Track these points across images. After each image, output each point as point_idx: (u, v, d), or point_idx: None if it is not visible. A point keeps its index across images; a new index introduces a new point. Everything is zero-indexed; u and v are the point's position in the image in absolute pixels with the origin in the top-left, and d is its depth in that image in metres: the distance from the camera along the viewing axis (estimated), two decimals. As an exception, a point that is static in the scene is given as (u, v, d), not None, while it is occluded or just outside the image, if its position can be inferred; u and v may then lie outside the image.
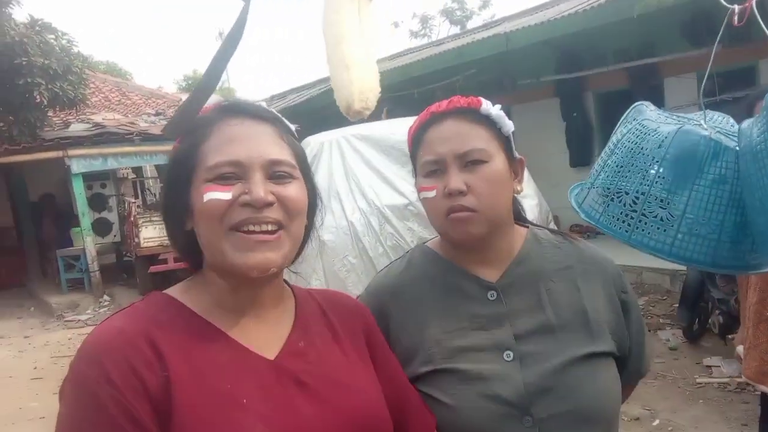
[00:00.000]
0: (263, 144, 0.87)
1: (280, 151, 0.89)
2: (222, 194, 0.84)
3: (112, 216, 10.99)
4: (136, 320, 0.84)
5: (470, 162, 1.11)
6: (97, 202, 10.80)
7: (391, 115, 9.27)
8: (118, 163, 10.17)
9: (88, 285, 9.70)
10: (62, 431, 0.79)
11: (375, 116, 8.60)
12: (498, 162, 1.12)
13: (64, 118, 10.78)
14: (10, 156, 9.21)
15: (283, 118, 0.96)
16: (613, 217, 0.82)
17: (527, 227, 1.24)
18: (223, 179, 0.85)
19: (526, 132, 8.00)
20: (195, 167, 0.87)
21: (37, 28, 9.34)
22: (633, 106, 0.89)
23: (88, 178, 10.25)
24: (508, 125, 1.16)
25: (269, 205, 0.85)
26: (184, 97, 16.48)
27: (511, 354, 1.09)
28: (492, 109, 1.15)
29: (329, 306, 1.04)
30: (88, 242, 9.64)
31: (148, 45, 66.95)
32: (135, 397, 0.76)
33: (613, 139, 0.89)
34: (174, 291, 0.92)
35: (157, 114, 11.86)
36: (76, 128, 10.20)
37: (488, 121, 1.14)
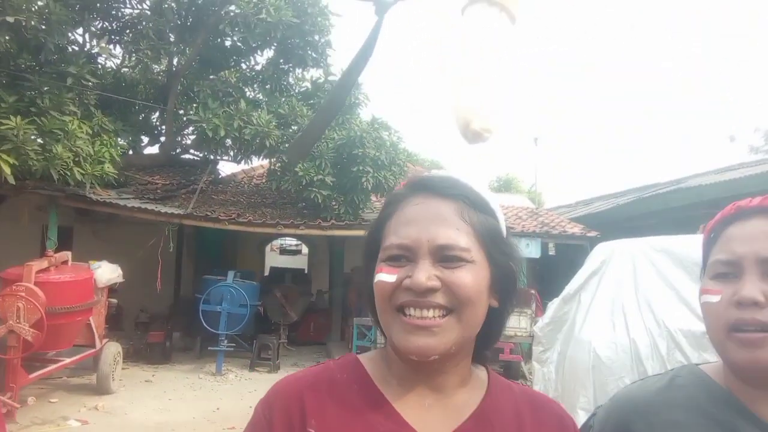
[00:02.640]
0: (436, 226, 0.84)
1: (452, 234, 0.84)
2: (388, 276, 0.84)
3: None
4: (316, 376, 0.90)
5: None
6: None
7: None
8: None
9: (374, 355, 10.46)
10: None
11: (691, 231, 7.77)
12: None
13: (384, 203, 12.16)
14: (335, 230, 10.67)
15: (479, 192, 0.90)
16: None
17: None
18: (394, 260, 0.85)
19: None
20: (379, 245, 0.89)
21: (376, 125, 10.91)
22: None
23: (392, 258, 11.24)
24: None
25: (432, 290, 0.82)
26: (496, 197, 17.50)
27: None
28: None
29: (528, 408, 0.93)
30: (381, 316, 10.47)
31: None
32: None
33: None
34: (365, 356, 0.95)
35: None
36: (390, 213, 11.39)
37: None
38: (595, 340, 4.02)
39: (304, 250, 18.22)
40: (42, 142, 8.36)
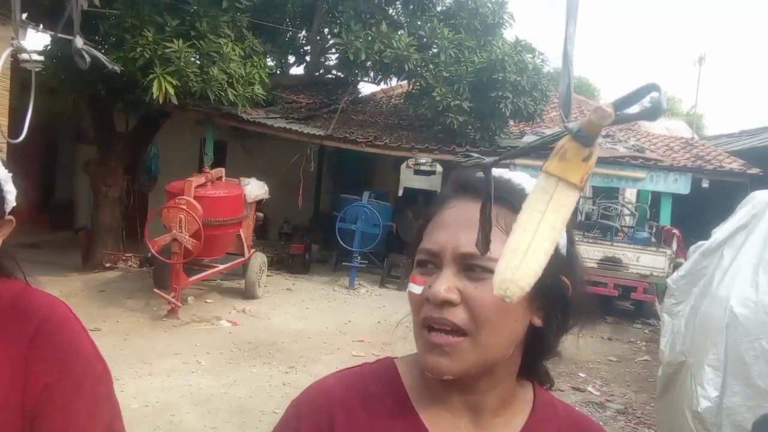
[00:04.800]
0: (465, 231, 0.75)
1: None
2: (416, 287, 0.79)
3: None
4: (349, 386, 0.85)
5: None
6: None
7: None
8: (554, 177, 10.66)
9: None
10: None
11: None
12: None
13: (521, 128, 11.82)
14: (469, 156, 10.60)
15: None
16: None
17: None
18: (423, 266, 0.79)
19: None
20: (417, 247, 0.84)
21: (519, 48, 10.44)
22: None
23: (527, 186, 11.01)
24: None
25: (450, 304, 0.74)
26: (644, 121, 15.86)
27: None
28: None
29: (570, 429, 0.87)
30: (511, 244, 10.47)
31: (618, 61, 67.06)
32: None
33: None
34: (403, 362, 0.88)
35: (606, 136, 11.88)
36: (528, 139, 11.05)
37: None
38: (733, 297, 3.77)
39: (439, 169, 18.32)
40: (200, 64, 9.00)
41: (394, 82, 13.14)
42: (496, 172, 0.77)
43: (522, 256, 0.55)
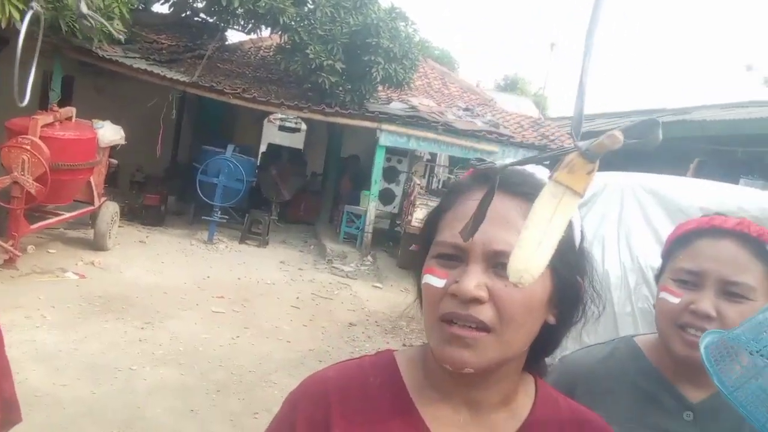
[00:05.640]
0: (496, 228, 0.75)
1: (512, 240, 0.72)
2: (436, 280, 0.77)
3: (398, 189, 12.03)
4: (348, 378, 0.85)
5: (731, 294, 1.06)
6: (389, 174, 11.91)
7: (700, 168, 8.41)
8: (418, 145, 11.08)
9: (360, 242, 10.86)
10: None
11: (681, 167, 7.90)
12: (760, 304, 1.04)
13: (389, 95, 12.07)
14: (338, 117, 10.67)
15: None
16: (728, 369, 0.72)
17: None
18: (445, 259, 0.78)
19: None
20: (433, 237, 0.82)
21: (394, 15, 10.57)
22: None
23: (390, 151, 11.34)
24: None
25: (478, 301, 0.74)
26: (497, 97, 16.64)
27: None
28: None
29: (572, 424, 0.87)
30: (371, 206, 10.77)
31: (478, 39, 70.28)
32: None
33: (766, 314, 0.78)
34: (403, 356, 0.88)
35: (466, 109, 12.51)
36: (395, 106, 11.34)
37: None
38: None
39: (303, 127, 18.18)
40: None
41: (266, 33, 12.75)
42: (533, 169, 0.80)
43: (534, 250, 0.63)
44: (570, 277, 0.80)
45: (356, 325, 6.80)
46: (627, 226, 4.39)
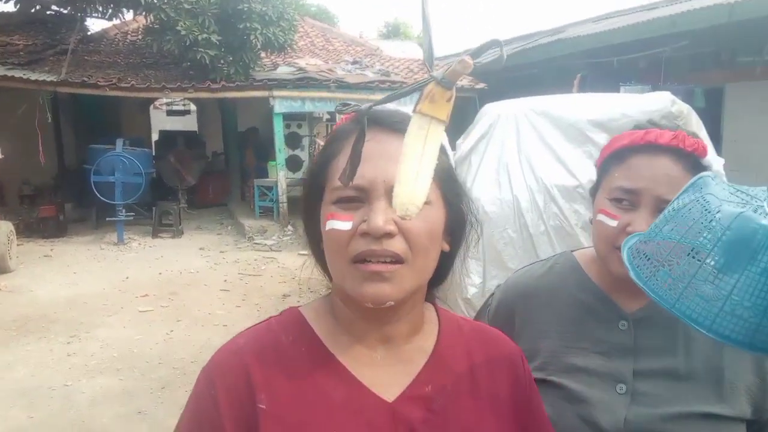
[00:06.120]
0: (393, 164, 0.72)
1: None
2: (342, 224, 0.78)
3: (304, 154, 11.94)
4: (260, 341, 0.85)
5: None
6: (292, 141, 11.76)
7: (583, 83, 8.89)
8: (315, 106, 10.97)
9: (277, 214, 10.76)
10: (179, 423, 0.84)
11: (566, 85, 8.31)
12: None
13: (274, 60, 11.80)
14: (226, 92, 10.36)
15: None
16: (662, 282, 0.81)
17: None
18: (346, 202, 0.78)
19: (744, 115, 7.20)
20: (324, 185, 0.82)
21: (259, -25, 10.25)
22: (699, 176, 0.86)
23: (287, 117, 11.17)
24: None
25: (389, 236, 0.75)
26: (382, 45, 16.59)
27: (624, 388, 1.08)
28: (713, 162, 1.08)
29: (478, 346, 0.92)
30: (280, 176, 10.63)
31: (356, -9, 69.34)
32: (234, 424, 0.78)
33: (674, 205, 0.87)
34: (309, 309, 0.89)
35: (354, 62, 12.47)
36: (283, 71, 11.12)
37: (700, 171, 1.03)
38: (483, 197, 4.44)
39: (193, 108, 17.51)
40: None
41: (128, 16, 12.05)
42: (406, 110, 0.80)
43: (413, 182, 0.67)
44: (457, 203, 0.85)
45: (290, 295, 6.82)
46: (526, 150, 4.62)
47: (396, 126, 0.79)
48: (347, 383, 0.81)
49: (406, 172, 0.68)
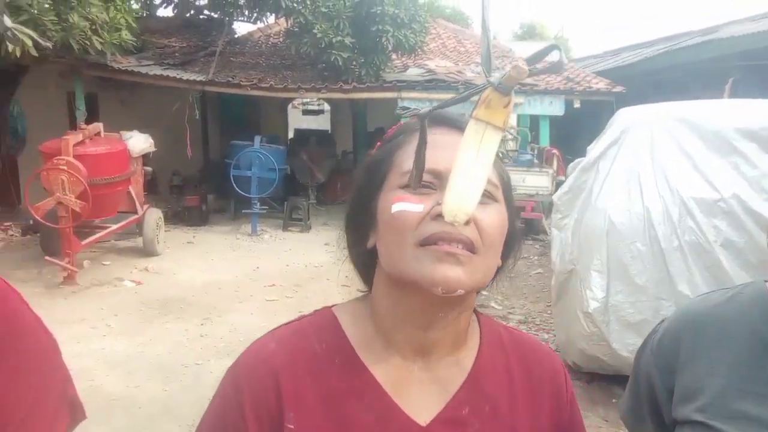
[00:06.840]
0: None
1: None
2: (413, 206, 0.73)
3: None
4: (292, 348, 0.80)
5: None
6: (418, 141, 11.82)
7: (735, 87, 8.11)
8: (442, 108, 10.98)
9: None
10: (202, 422, 0.83)
11: (714, 90, 7.64)
12: None
13: (404, 62, 11.97)
14: (357, 93, 10.68)
15: None
16: None
17: None
18: (421, 187, 0.74)
19: None
20: (388, 173, 0.79)
21: (395, -22, 10.43)
22: None
23: (415, 118, 11.25)
24: None
25: (465, 222, 0.70)
26: (515, 47, 16.25)
27: None
28: None
29: (519, 364, 0.86)
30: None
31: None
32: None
33: None
34: (344, 312, 0.84)
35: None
36: (412, 73, 11.25)
37: None
38: (610, 207, 4.22)
39: (326, 107, 18.21)
40: (57, 11, 8.25)
41: (271, 20, 12.75)
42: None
43: (465, 188, 0.66)
44: (513, 216, 0.81)
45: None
46: (661, 159, 4.31)
47: (461, 125, 0.76)
48: (379, 402, 0.77)
49: (458, 177, 0.66)
